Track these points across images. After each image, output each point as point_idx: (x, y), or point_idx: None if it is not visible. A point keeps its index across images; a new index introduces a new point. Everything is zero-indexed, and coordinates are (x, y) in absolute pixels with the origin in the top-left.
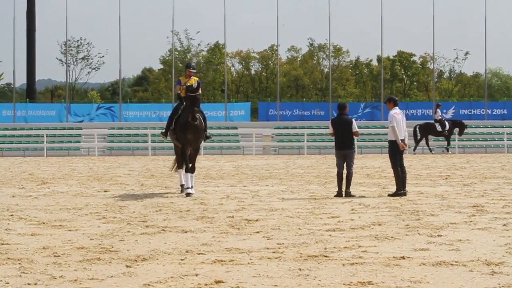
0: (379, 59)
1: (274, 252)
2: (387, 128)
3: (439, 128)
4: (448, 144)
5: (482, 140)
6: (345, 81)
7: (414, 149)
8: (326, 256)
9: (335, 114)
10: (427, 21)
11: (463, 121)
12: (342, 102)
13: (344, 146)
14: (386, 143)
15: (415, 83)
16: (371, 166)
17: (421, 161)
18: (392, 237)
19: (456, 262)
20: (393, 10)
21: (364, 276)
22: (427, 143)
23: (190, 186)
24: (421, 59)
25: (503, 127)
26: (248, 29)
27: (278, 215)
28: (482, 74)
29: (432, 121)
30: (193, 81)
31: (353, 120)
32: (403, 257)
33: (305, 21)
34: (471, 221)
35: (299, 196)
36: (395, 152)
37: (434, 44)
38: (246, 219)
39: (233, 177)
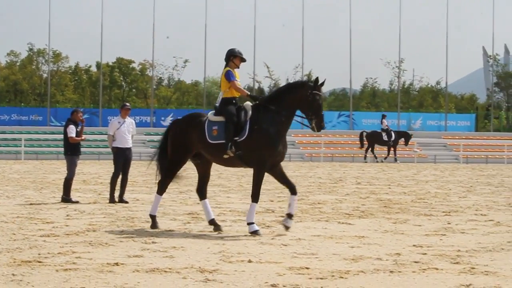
0: (98, 66)
1: None
2: (105, 134)
3: (385, 137)
4: (395, 154)
5: None
6: (64, 87)
7: (365, 158)
8: (40, 262)
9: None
10: (147, 28)
11: (408, 131)
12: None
13: None
14: (105, 150)
15: (134, 90)
16: (87, 172)
17: (138, 168)
18: (106, 244)
19: (169, 269)
20: (113, 16)
21: (78, 282)
22: (372, 151)
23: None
24: (140, 66)
25: None
26: None
27: None
28: (201, 82)
29: (380, 130)
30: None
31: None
32: (117, 264)
33: (24, 25)
34: (186, 228)
35: (14, 201)
36: None
37: (154, 51)
38: None
39: None
